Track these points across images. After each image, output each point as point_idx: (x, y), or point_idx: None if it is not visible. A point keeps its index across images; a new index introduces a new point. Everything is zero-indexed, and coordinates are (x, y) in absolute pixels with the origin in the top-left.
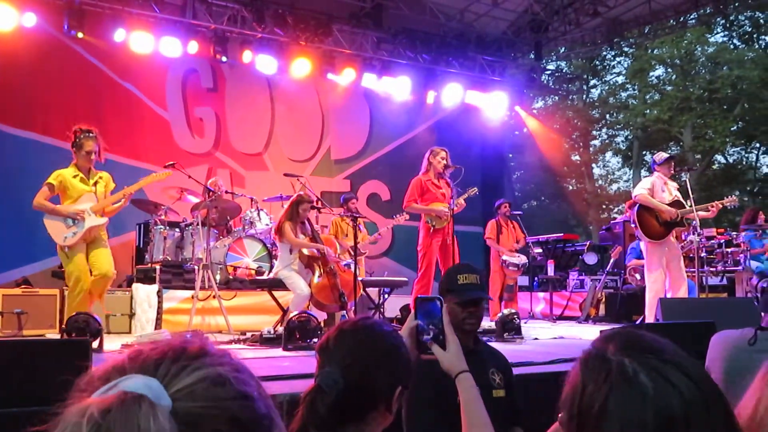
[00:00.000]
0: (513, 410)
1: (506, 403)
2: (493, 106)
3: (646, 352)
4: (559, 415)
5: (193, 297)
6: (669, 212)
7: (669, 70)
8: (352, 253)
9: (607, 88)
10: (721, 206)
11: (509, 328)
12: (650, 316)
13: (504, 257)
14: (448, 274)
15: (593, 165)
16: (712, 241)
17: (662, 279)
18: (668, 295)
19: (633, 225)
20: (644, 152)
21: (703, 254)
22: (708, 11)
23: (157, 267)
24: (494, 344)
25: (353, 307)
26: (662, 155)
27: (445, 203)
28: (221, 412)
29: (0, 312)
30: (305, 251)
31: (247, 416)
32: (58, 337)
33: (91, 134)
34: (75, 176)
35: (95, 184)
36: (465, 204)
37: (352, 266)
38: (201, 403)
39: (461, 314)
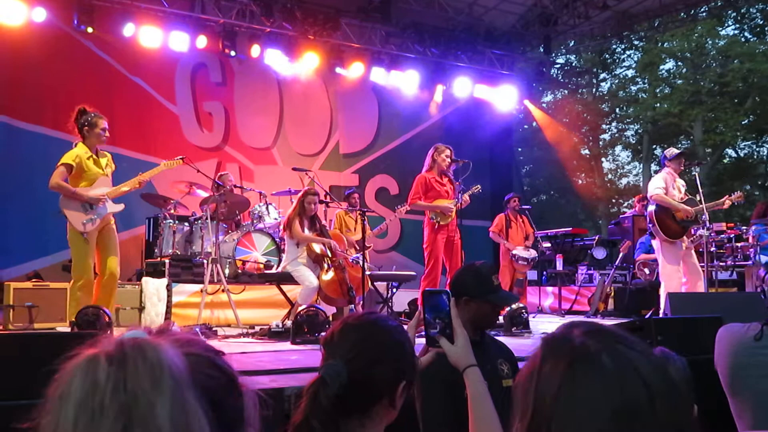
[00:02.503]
0: None
1: None
2: (502, 100)
3: (612, 339)
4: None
5: (202, 291)
6: (685, 211)
7: (679, 63)
8: (358, 247)
9: (616, 81)
10: (729, 203)
11: (517, 322)
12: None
13: (514, 251)
14: (481, 274)
15: (603, 159)
16: (722, 236)
17: (678, 276)
18: (683, 290)
19: (650, 224)
20: (654, 146)
21: (712, 249)
22: (719, 4)
23: (167, 261)
24: (502, 338)
25: (361, 302)
26: (673, 151)
27: (450, 200)
28: (202, 358)
29: (11, 305)
30: (315, 247)
31: (222, 365)
32: (68, 330)
33: (99, 114)
34: (89, 157)
35: (105, 166)
36: (469, 200)
37: (360, 261)
38: (186, 350)
39: (493, 314)
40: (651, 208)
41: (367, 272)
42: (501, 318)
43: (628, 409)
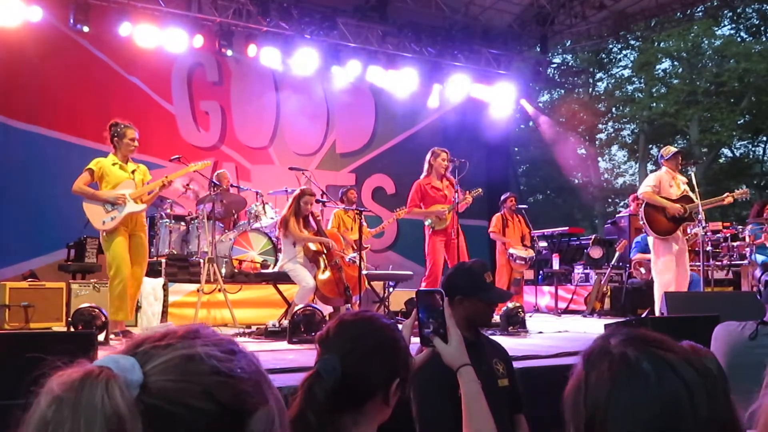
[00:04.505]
0: (515, 398)
1: (510, 391)
2: (498, 99)
3: (647, 343)
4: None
5: (198, 290)
6: (675, 209)
7: (675, 63)
8: (356, 246)
9: (613, 81)
10: (732, 199)
11: (514, 321)
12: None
13: (511, 251)
14: (473, 273)
15: (599, 158)
16: (718, 235)
17: (672, 273)
18: (671, 289)
19: (642, 222)
20: (650, 146)
21: (708, 248)
22: (715, 4)
23: (163, 260)
24: (499, 338)
25: (358, 301)
26: (670, 149)
27: (445, 204)
28: (193, 386)
29: (7, 305)
30: (312, 246)
31: (223, 392)
32: (64, 329)
33: (130, 125)
34: (114, 164)
35: (133, 172)
36: (471, 200)
37: (357, 260)
38: (173, 377)
39: (487, 312)
40: (642, 205)
41: (364, 271)
42: (498, 317)
43: (671, 408)
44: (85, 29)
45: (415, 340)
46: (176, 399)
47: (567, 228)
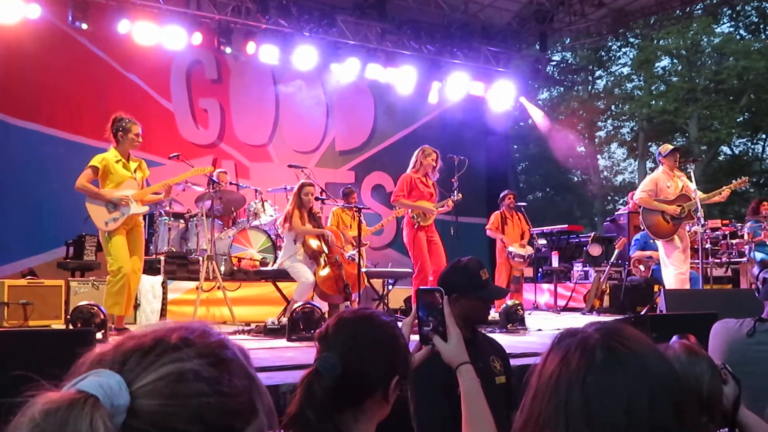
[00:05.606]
0: (512, 395)
1: (507, 389)
2: (497, 97)
3: (615, 336)
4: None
5: (197, 288)
6: (671, 210)
7: (675, 60)
8: (355, 244)
9: (612, 79)
10: (731, 190)
11: (513, 319)
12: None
13: (510, 248)
14: (468, 270)
15: (598, 156)
16: (717, 233)
17: (683, 271)
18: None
19: (642, 227)
20: (650, 143)
21: (707, 246)
22: (714, 1)
23: (162, 258)
24: (498, 335)
25: (357, 299)
26: (667, 147)
27: (432, 202)
28: (181, 409)
29: (6, 303)
30: (312, 243)
31: (213, 414)
32: (63, 327)
33: (133, 120)
34: (117, 161)
35: (135, 170)
36: (453, 205)
37: (356, 258)
38: (160, 401)
39: (483, 309)
40: (639, 211)
41: (363, 269)
42: (497, 315)
43: (602, 402)
44: (84, 26)
45: (414, 338)
46: (163, 423)
47: (566, 225)
